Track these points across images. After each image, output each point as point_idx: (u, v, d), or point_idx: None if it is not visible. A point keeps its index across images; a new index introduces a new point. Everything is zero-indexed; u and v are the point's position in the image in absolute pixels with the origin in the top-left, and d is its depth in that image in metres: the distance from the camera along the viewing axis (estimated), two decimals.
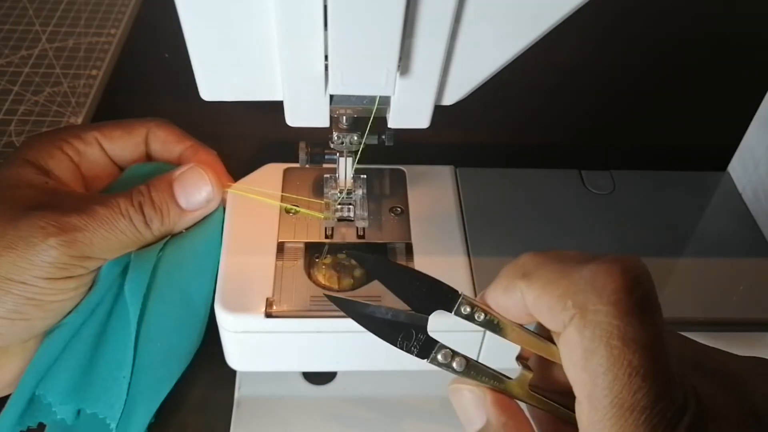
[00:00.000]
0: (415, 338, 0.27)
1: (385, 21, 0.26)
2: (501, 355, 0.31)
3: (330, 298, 0.29)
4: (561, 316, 0.23)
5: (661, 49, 0.72)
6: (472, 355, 0.27)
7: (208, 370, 0.42)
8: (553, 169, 0.47)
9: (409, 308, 0.27)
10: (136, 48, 0.68)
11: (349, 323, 0.36)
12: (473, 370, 0.27)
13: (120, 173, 0.40)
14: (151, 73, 0.66)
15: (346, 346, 0.38)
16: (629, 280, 0.22)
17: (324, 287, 0.37)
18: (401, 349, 0.27)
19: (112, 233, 0.35)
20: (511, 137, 0.62)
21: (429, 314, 0.27)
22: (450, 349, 0.27)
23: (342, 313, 0.35)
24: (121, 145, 0.40)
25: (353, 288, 0.38)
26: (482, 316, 0.27)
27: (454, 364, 0.27)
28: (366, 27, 0.27)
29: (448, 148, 0.58)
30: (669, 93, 0.67)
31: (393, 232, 0.40)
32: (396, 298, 0.27)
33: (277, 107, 0.32)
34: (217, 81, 0.31)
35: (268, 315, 0.35)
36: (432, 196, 0.43)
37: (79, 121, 0.59)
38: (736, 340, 0.39)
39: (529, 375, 0.26)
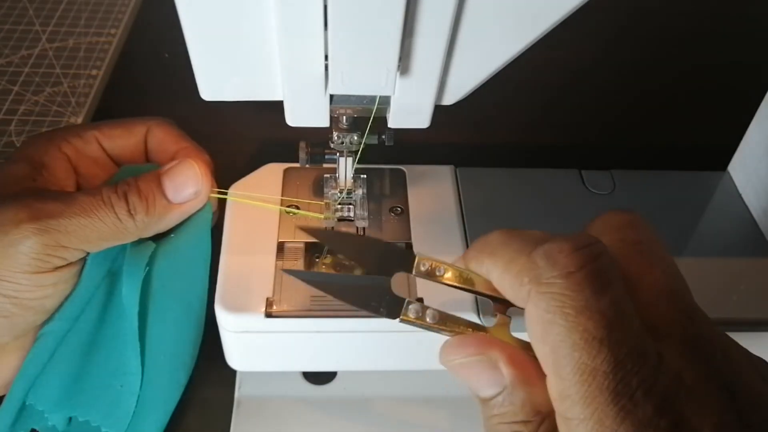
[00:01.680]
0: (381, 299, 0.26)
1: (385, 21, 0.26)
2: None
3: (292, 273, 0.28)
4: (520, 293, 0.23)
5: (662, 49, 0.72)
6: None
7: (208, 370, 0.42)
8: (553, 168, 0.47)
9: (369, 273, 0.27)
10: (136, 48, 0.68)
11: (350, 323, 0.36)
12: (448, 321, 0.26)
13: None
14: (151, 73, 0.66)
15: (347, 345, 0.38)
16: (580, 256, 0.22)
17: None
18: (369, 311, 0.26)
19: (89, 221, 0.33)
20: (512, 137, 0.62)
21: (390, 276, 0.27)
22: (419, 303, 0.26)
23: (342, 313, 0.36)
24: (121, 143, 0.40)
25: None
26: (442, 270, 0.27)
27: (428, 318, 0.26)
28: (366, 27, 0.27)
29: (448, 148, 0.58)
30: (669, 93, 0.67)
31: (393, 232, 0.40)
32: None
33: (277, 107, 0.32)
34: (217, 81, 0.31)
35: (268, 315, 0.35)
36: (432, 196, 0.43)
37: (79, 120, 0.59)
38: (736, 339, 0.39)
39: (508, 319, 0.26)
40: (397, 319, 0.26)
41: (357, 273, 0.39)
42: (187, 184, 0.36)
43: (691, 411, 0.21)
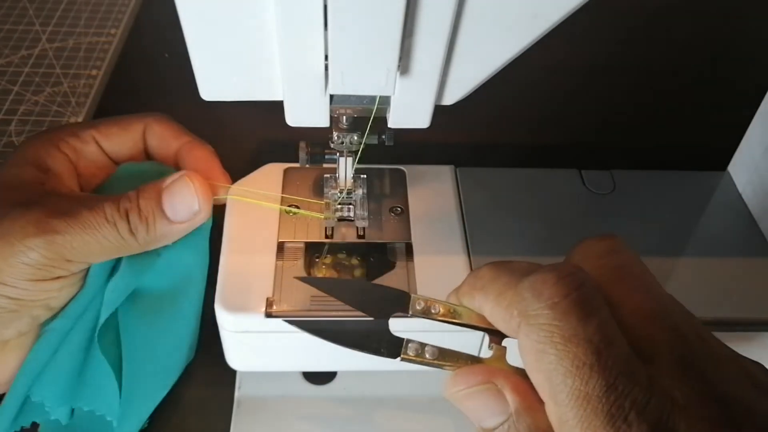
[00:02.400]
0: (382, 341, 0.28)
1: (385, 21, 0.26)
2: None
3: (291, 322, 0.30)
4: (511, 325, 0.24)
5: (662, 49, 0.72)
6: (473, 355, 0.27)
7: (208, 370, 0.42)
8: (553, 168, 0.47)
9: (368, 317, 0.28)
10: (136, 48, 0.68)
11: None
12: (447, 356, 0.27)
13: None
14: (151, 73, 0.66)
15: None
16: (563, 286, 0.23)
17: None
18: (370, 353, 0.28)
19: (93, 238, 0.34)
20: (512, 137, 0.62)
21: (388, 318, 0.28)
22: (417, 342, 0.27)
23: (342, 313, 0.36)
24: (118, 142, 0.39)
25: None
26: (438, 308, 0.28)
27: (427, 355, 0.27)
28: (366, 27, 0.27)
29: (448, 148, 0.58)
30: (669, 92, 0.67)
31: (393, 232, 0.40)
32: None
33: (277, 107, 0.32)
34: (217, 81, 0.31)
35: (268, 315, 0.35)
36: (432, 196, 0.43)
37: (80, 120, 0.59)
38: (736, 339, 0.39)
39: (504, 349, 0.27)
40: (398, 359, 0.27)
41: (357, 272, 0.39)
42: (186, 203, 0.36)
43: (686, 427, 0.21)
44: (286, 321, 0.30)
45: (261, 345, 0.38)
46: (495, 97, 0.47)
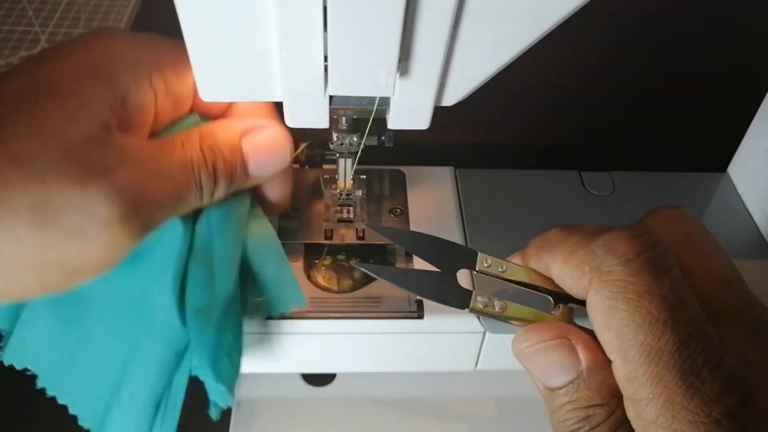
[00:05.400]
0: (451, 291, 0.28)
1: (385, 21, 0.26)
2: (501, 356, 0.31)
3: (364, 266, 0.29)
4: (582, 283, 0.24)
5: (661, 50, 0.72)
6: (472, 358, 0.27)
7: None
8: (552, 170, 0.47)
9: (437, 269, 0.29)
10: None
11: (349, 325, 0.36)
12: (515, 311, 0.27)
13: None
14: None
15: (345, 347, 0.38)
16: (637, 243, 0.23)
17: (323, 288, 0.37)
18: (440, 302, 0.28)
19: (181, 208, 0.29)
20: (511, 138, 0.62)
21: (455, 272, 0.28)
22: (486, 295, 0.28)
23: (341, 314, 0.36)
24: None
25: (353, 289, 0.37)
26: (504, 267, 0.28)
27: (496, 308, 0.27)
28: (366, 27, 0.27)
29: (448, 149, 0.58)
30: (669, 94, 0.67)
31: None
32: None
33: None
34: (217, 81, 0.30)
35: (267, 317, 0.35)
36: (432, 198, 0.43)
37: None
38: None
39: (570, 309, 0.27)
40: (467, 309, 0.28)
41: (356, 274, 0.39)
42: (272, 159, 0.33)
43: (758, 389, 0.21)
44: (362, 268, 0.29)
45: (260, 347, 0.38)
46: (495, 98, 0.47)
